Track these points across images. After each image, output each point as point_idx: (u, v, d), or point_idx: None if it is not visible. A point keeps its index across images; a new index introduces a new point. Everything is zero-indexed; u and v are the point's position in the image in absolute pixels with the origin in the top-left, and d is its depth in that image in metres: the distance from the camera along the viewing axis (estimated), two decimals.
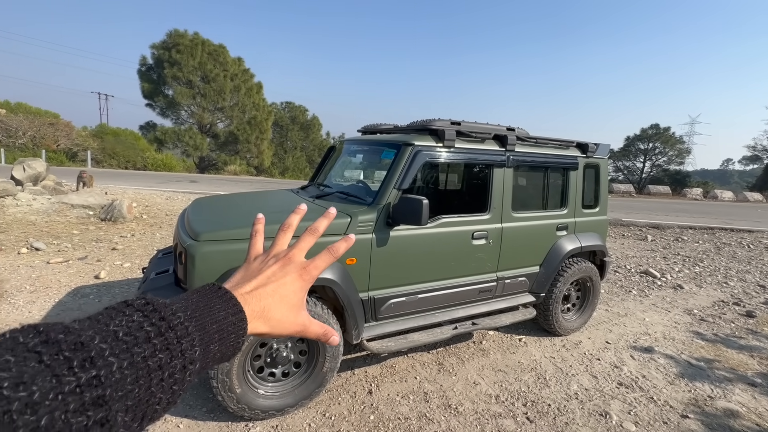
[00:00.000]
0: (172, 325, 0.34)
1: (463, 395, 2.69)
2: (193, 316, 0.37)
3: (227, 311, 0.41)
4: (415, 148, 2.61)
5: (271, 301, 0.47)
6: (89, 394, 0.26)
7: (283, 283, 0.48)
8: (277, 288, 0.48)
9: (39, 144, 19.91)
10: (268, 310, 0.46)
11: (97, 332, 0.29)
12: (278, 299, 0.47)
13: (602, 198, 3.72)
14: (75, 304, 3.63)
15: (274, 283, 0.48)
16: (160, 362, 0.32)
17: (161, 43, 22.98)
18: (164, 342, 0.33)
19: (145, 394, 0.30)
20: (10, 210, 6.34)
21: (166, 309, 0.35)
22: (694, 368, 3.24)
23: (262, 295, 0.46)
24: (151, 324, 0.33)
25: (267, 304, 0.46)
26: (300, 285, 0.50)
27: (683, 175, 34.97)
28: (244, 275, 0.49)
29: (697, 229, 9.58)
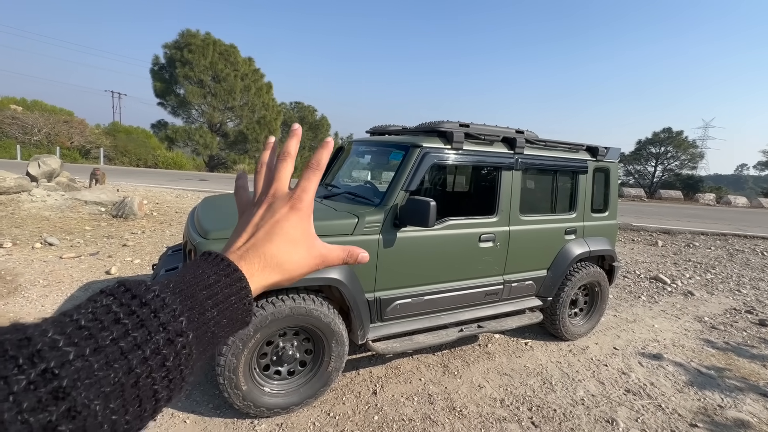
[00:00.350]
0: (144, 301, 0.31)
1: (468, 398, 2.68)
2: (176, 287, 0.34)
3: (218, 274, 0.37)
4: (423, 150, 2.62)
5: (272, 245, 0.43)
6: (44, 389, 0.24)
7: (276, 221, 0.44)
8: (272, 229, 0.43)
9: (54, 141, 20.31)
10: (273, 256, 0.42)
11: (53, 325, 0.27)
12: (277, 241, 0.43)
13: (612, 202, 3.68)
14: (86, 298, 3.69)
15: (266, 226, 0.44)
16: (136, 341, 0.29)
17: (173, 43, 23.28)
18: (137, 320, 0.30)
19: (127, 377, 0.28)
20: (26, 205, 6.48)
21: (140, 286, 0.32)
22: (704, 377, 3.19)
23: (257, 244, 0.42)
24: (120, 305, 0.30)
25: (268, 250, 0.42)
26: (297, 216, 0.45)
27: (696, 180, 34.38)
28: (235, 234, 0.45)
29: (710, 235, 9.42)
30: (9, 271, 4.17)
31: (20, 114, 20.77)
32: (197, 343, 0.33)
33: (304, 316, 2.25)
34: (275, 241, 0.43)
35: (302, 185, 0.46)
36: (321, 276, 2.25)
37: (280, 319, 2.19)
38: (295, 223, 0.45)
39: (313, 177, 0.47)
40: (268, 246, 0.43)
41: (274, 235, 0.43)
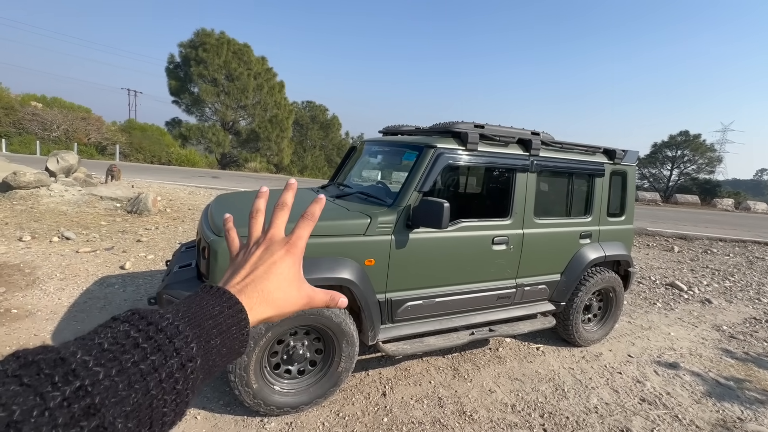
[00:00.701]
0: (160, 328, 0.34)
1: (479, 402, 2.65)
2: (185, 316, 0.37)
3: (222, 305, 0.41)
4: (437, 151, 2.59)
5: (268, 283, 0.47)
6: (78, 405, 0.26)
7: (273, 262, 0.48)
8: (269, 269, 0.48)
9: (71, 137, 20.78)
10: (267, 292, 0.46)
11: (80, 347, 0.29)
12: (274, 279, 0.47)
13: (628, 206, 3.60)
14: (101, 293, 3.76)
15: (263, 265, 0.48)
16: (154, 364, 0.31)
17: (189, 42, 23.62)
18: (154, 344, 0.32)
19: (144, 398, 0.30)
20: (44, 200, 6.63)
21: (154, 314, 0.35)
22: (723, 387, 3.09)
23: (256, 280, 0.46)
24: (137, 330, 0.33)
25: (264, 287, 0.46)
26: (291, 260, 0.50)
27: (713, 185, 33.54)
28: (233, 270, 0.49)
29: (728, 241, 9.17)
30: (28, 264, 4.26)
31: (40, 110, 21.30)
32: (202, 369, 0.36)
33: (315, 315, 2.25)
34: (272, 280, 0.47)
35: (298, 233, 0.51)
36: (333, 276, 2.25)
37: (292, 318, 2.19)
38: (290, 264, 0.49)
39: (307, 227, 0.52)
40: (266, 283, 0.47)
41: (272, 274, 0.47)
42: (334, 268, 2.27)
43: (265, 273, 0.47)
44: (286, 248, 0.50)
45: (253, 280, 0.46)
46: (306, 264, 2.19)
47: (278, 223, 0.52)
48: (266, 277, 0.47)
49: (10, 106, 20.34)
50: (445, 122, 2.92)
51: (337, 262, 2.29)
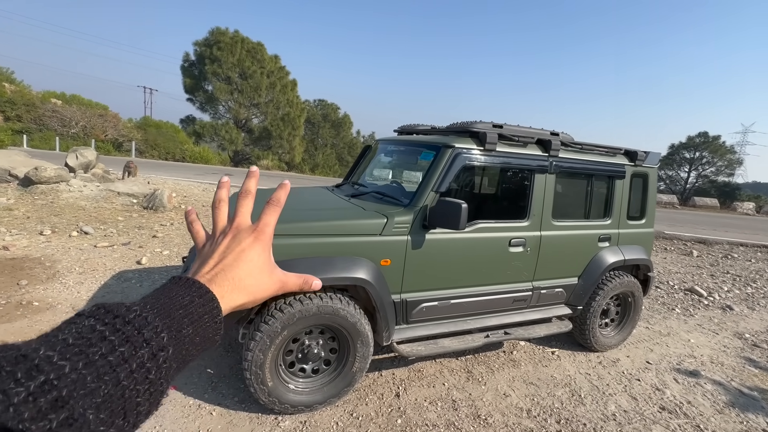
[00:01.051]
0: (128, 320, 0.33)
1: (493, 406, 2.61)
2: (153, 307, 0.37)
3: (192, 295, 0.40)
4: (455, 151, 2.56)
5: (238, 270, 0.46)
6: (44, 399, 0.26)
7: (242, 250, 0.48)
8: (238, 256, 0.47)
9: (89, 134, 21.24)
10: (238, 279, 0.46)
11: (42, 343, 0.29)
12: (244, 266, 0.47)
13: (649, 209, 3.51)
14: (118, 287, 3.83)
15: (232, 254, 0.47)
16: (123, 355, 0.31)
17: (203, 41, 23.91)
18: (122, 336, 0.32)
19: (115, 389, 0.30)
20: (64, 195, 6.78)
21: (120, 307, 0.35)
22: (746, 398, 3.00)
23: (226, 268, 0.46)
24: (104, 324, 0.32)
25: (235, 274, 0.46)
26: (260, 247, 0.49)
27: (732, 188, 32.63)
28: (201, 260, 0.48)
29: (750, 246, 8.91)
30: (48, 258, 4.36)
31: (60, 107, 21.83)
32: (174, 358, 0.36)
33: (330, 315, 2.24)
34: (242, 267, 0.47)
35: (265, 219, 0.51)
36: (348, 275, 2.24)
37: (307, 317, 2.19)
38: (259, 251, 0.49)
39: (274, 213, 0.52)
40: (236, 271, 0.46)
41: (241, 261, 0.47)
42: (349, 267, 2.26)
43: (234, 261, 0.47)
44: (254, 235, 0.49)
45: (222, 269, 0.46)
46: (321, 263, 2.20)
47: (243, 211, 0.52)
48: (236, 265, 0.47)
49: (31, 102, 20.90)
50: (463, 122, 2.89)
51: (352, 262, 2.28)
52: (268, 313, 2.16)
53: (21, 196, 6.59)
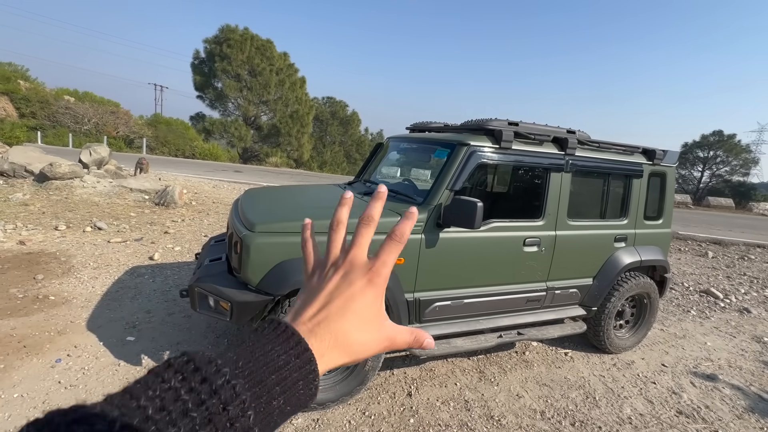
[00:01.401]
0: (215, 388, 0.29)
1: (506, 407, 2.58)
2: (245, 367, 0.32)
3: (289, 353, 0.35)
4: (470, 149, 2.52)
5: (344, 322, 0.39)
6: None
7: (351, 295, 0.41)
8: (346, 304, 0.40)
9: (101, 130, 21.53)
10: (344, 334, 0.39)
11: (119, 410, 0.26)
12: (351, 318, 0.40)
13: (667, 209, 3.44)
14: (132, 282, 3.87)
15: (340, 299, 0.40)
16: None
17: (213, 38, 24.03)
18: (205, 413, 0.28)
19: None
20: (78, 191, 6.88)
21: (210, 366, 0.31)
22: (766, 403, 2.93)
23: (330, 317, 0.39)
24: (189, 390, 0.29)
25: (340, 327, 0.39)
26: (373, 292, 0.41)
27: (747, 188, 31.94)
28: (305, 298, 0.42)
29: (767, 248, 8.70)
30: (63, 252, 4.43)
31: (73, 104, 22.15)
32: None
33: None
34: (348, 318, 0.40)
35: (383, 258, 0.42)
36: None
37: None
38: (371, 300, 0.42)
39: (394, 250, 0.43)
40: (341, 322, 0.39)
41: (348, 311, 0.40)
42: None
43: (342, 309, 0.40)
44: (368, 277, 0.42)
45: (326, 317, 0.39)
46: None
47: (362, 243, 0.44)
48: (342, 315, 0.40)
49: (45, 99, 21.24)
50: (478, 119, 2.85)
51: None
52: (282, 310, 2.15)
53: (36, 191, 6.70)
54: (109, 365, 2.60)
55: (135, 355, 2.74)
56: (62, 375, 2.45)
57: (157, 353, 2.79)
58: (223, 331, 3.15)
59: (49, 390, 2.31)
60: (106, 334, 2.95)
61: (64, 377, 2.44)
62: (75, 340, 2.83)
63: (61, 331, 2.92)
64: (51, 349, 2.70)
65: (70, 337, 2.87)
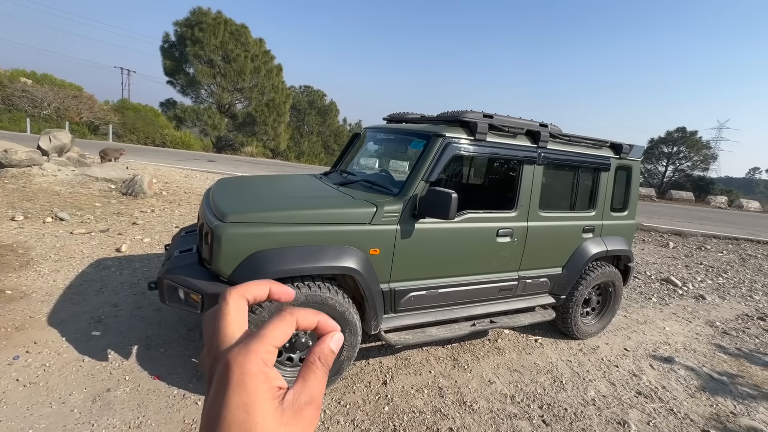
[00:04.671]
0: None
1: (478, 393, 2.66)
2: None
3: None
4: (445, 140, 2.54)
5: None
6: None
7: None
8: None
9: (63, 116, 20.29)
10: None
11: None
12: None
13: (632, 201, 3.59)
14: (97, 275, 3.70)
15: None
16: None
17: (184, 21, 22.97)
18: None
19: None
20: (37, 179, 6.49)
21: None
22: (716, 382, 3.15)
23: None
24: None
25: None
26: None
27: (707, 182, 33.80)
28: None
29: (722, 238, 9.27)
30: (21, 245, 4.18)
31: (30, 87, 20.72)
32: None
33: (319, 304, 2.22)
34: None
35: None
36: (338, 264, 2.22)
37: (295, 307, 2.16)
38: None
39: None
40: None
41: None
42: (338, 256, 2.24)
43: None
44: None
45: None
46: (310, 252, 2.17)
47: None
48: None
49: None
50: (453, 111, 2.87)
51: (341, 251, 2.26)
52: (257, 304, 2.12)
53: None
54: (72, 361, 2.50)
55: (101, 350, 2.64)
56: (20, 372, 2.34)
57: (124, 348, 2.70)
58: (195, 324, 3.07)
59: (6, 389, 2.20)
60: (69, 329, 2.82)
61: (22, 375, 2.32)
62: (35, 335, 2.70)
63: (19, 327, 2.77)
64: (8, 345, 2.56)
65: (29, 332, 2.72)
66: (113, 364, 2.52)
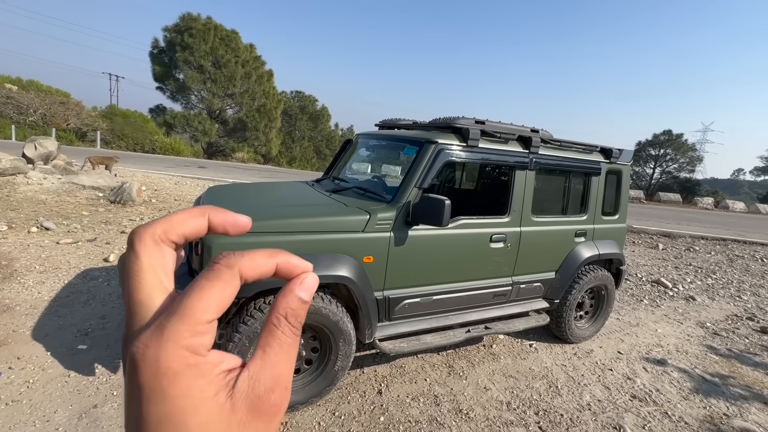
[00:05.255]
0: None
1: (474, 400, 2.64)
2: None
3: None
4: (438, 147, 2.54)
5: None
6: None
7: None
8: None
9: (49, 122, 19.95)
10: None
11: None
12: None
13: (622, 205, 3.63)
14: (84, 286, 3.62)
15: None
16: None
17: (174, 26, 22.83)
18: None
19: None
20: (21, 188, 6.34)
21: None
22: (709, 384, 3.17)
23: None
24: None
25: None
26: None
27: (693, 183, 34.51)
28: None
29: (710, 239, 9.43)
30: (4, 256, 4.07)
31: (15, 93, 20.35)
32: None
33: (312, 313, 2.19)
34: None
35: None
36: (331, 273, 2.19)
37: None
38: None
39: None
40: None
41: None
42: (332, 265, 2.21)
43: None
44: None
45: None
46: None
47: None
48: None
49: None
50: (445, 117, 2.87)
51: (335, 259, 2.23)
52: (247, 313, 2.08)
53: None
54: (57, 377, 2.42)
55: (87, 364, 2.57)
56: (2, 390, 2.26)
57: (112, 361, 2.63)
58: None
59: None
60: (54, 343, 2.74)
61: (5, 392, 2.24)
62: (18, 351, 2.61)
63: (1, 342, 2.68)
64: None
65: (12, 348, 2.64)
66: (100, 379, 2.44)
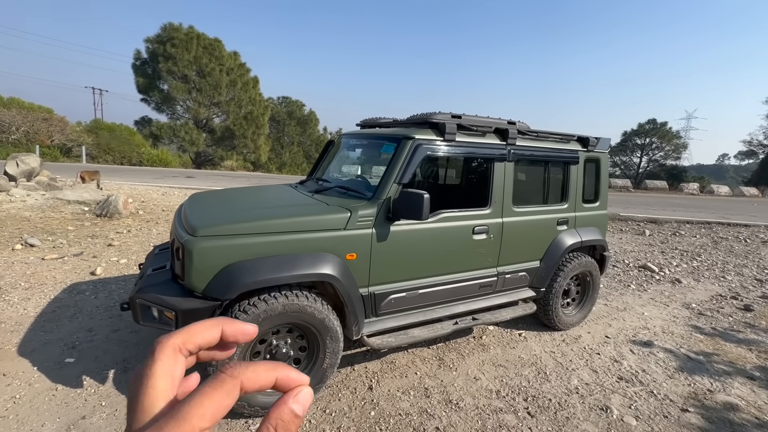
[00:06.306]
0: None
1: (464, 390, 2.68)
2: None
3: None
4: (415, 142, 2.58)
5: None
6: None
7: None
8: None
9: (33, 139, 19.68)
10: None
11: None
12: None
13: (602, 192, 3.70)
14: (71, 300, 3.59)
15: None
16: None
17: (156, 37, 22.69)
18: None
19: None
20: (4, 206, 6.26)
21: None
22: (693, 362, 3.24)
23: None
24: None
25: None
26: None
27: (679, 170, 35.09)
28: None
29: (695, 223, 9.61)
30: None
31: None
32: None
33: (297, 313, 2.21)
34: None
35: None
36: (314, 272, 2.21)
37: (273, 317, 2.15)
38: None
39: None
40: None
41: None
42: (315, 264, 2.23)
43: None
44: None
45: None
46: (286, 261, 2.16)
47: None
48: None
49: None
50: (422, 113, 2.91)
51: (318, 258, 2.26)
52: (232, 314, 2.09)
53: None
54: (44, 391, 2.40)
55: (75, 377, 2.55)
56: None
57: (100, 373, 2.62)
58: None
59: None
60: (40, 357, 2.72)
61: None
62: (3, 367, 2.59)
63: None
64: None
65: None
66: (88, 391, 2.43)
